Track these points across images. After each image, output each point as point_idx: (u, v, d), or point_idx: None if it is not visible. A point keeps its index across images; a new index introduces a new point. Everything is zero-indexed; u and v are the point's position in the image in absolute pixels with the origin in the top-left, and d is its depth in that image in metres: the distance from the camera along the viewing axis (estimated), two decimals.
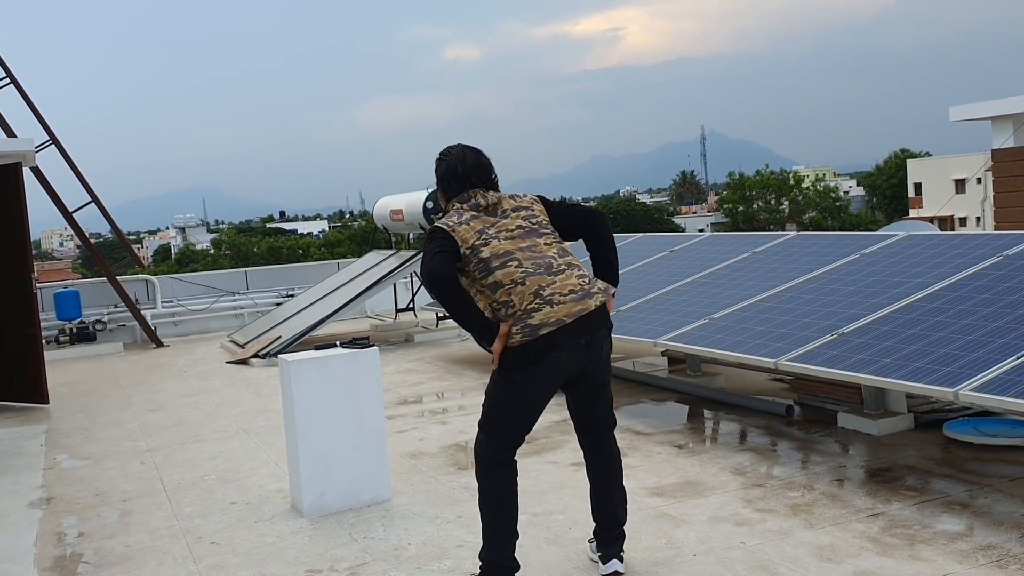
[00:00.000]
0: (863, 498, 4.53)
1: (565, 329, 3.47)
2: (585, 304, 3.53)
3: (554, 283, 3.53)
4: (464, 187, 3.72)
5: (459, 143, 3.87)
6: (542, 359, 3.48)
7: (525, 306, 3.49)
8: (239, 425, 7.15)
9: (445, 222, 3.63)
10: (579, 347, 3.52)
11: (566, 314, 3.49)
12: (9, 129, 11.65)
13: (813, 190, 63.07)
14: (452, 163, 3.76)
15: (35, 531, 4.95)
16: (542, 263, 3.57)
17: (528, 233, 3.64)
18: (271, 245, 53.32)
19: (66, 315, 12.60)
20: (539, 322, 3.46)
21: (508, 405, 3.61)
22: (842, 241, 7.17)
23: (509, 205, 3.71)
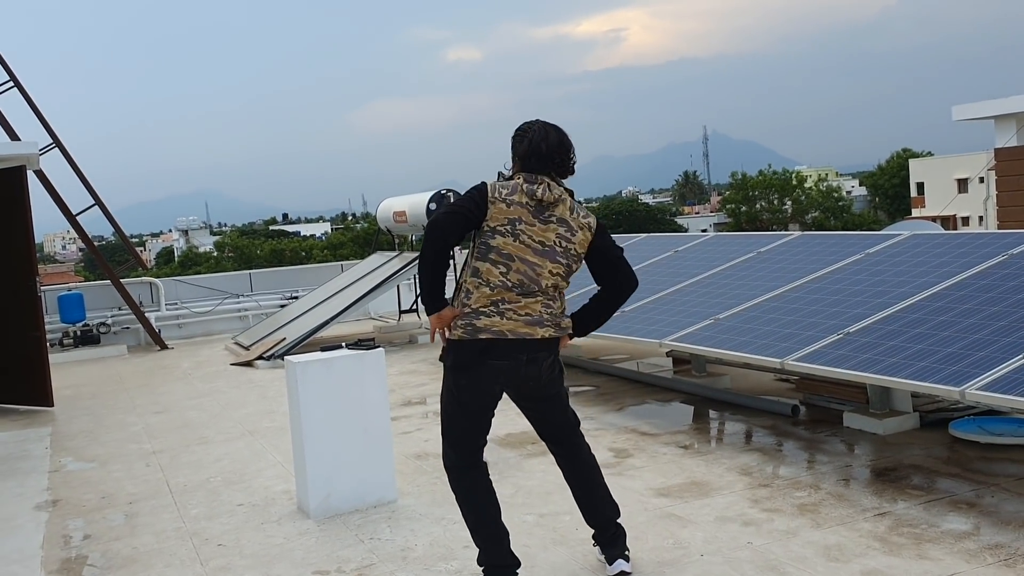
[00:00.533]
0: (869, 497, 4.53)
1: (504, 343, 3.53)
2: (532, 330, 3.56)
3: (518, 302, 3.56)
4: (545, 166, 3.63)
5: (537, 119, 3.78)
6: (482, 364, 3.56)
7: (478, 307, 3.56)
8: (245, 427, 7.15)
9: (495, 188, 3.60)
10: (520, 362, 3.58)
11: (510, 330, 3.54)
12: (13, 132, 11.67)
13: (816, 190, 63.03)
14: (535, 141, 3.65)
15: (42, 534, 4.95)
16: (524, 284, 3.56)
17: (544, 253, 3.59)
18: (274, 247, 53.34)
19: (70, 318, 12.62)
20: (483, 326, 3.53)
21: (457, 411, 3.70)
22: (846, 241, 7.17)
23: (560, 213, 3.62)
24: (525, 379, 3.64)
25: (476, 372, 3.58)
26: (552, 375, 3.73)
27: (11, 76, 12.40)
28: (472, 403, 3.65)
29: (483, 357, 3.55)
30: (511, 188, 3.60)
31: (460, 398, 3.66)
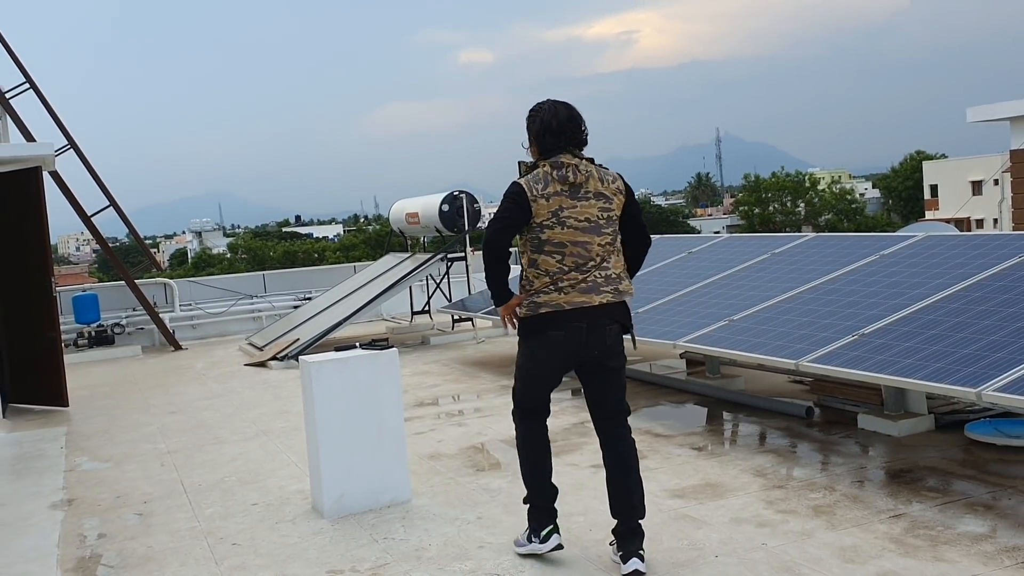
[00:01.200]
0: (885, 499, 4.51)
1: (562, 313, 3.86)
2: (588, 297, 3.85)
3: (575, 278, 3.86)
4: (559, 140, 3.91)
5: (548, 99, 4.03)
6: (544, 335, 3.92)
7: (538, 287, 3.90)
8: (259, 427, 7.18)
9: (530, 186, 3.88)
10: (579, 330, 3.87)
11: (566, 301, 3.85)
12: (29, 133, 11.75)
13: (829, 192, 62.80)
14: (546, 118, 3.94)
15: (57, 532, 4.98)
16: (579, 261, 3.87)
17: (591, 229, 3.88)
18: (287, 249, 53.49)
19: (85, 318, 12.68)
20: (542, 302, 3.88)
21: (523, 374, 4.09)
22: (861, 242, 7.14)
23: (593, 188, 3.91)
24: (589, 346, 3.89)
25: (538, 342, 3.94)
26: (617, 344, 3.95)
27: (27, 78, 12.49)
28: (536, 367, 4.00)
29: (545, 328, 3.89)
30: (544, 181, 3.88)
31: (526, 364, 4.04)
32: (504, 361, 9.45)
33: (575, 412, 6.87)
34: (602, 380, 3.98)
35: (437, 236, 12.24)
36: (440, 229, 11.68)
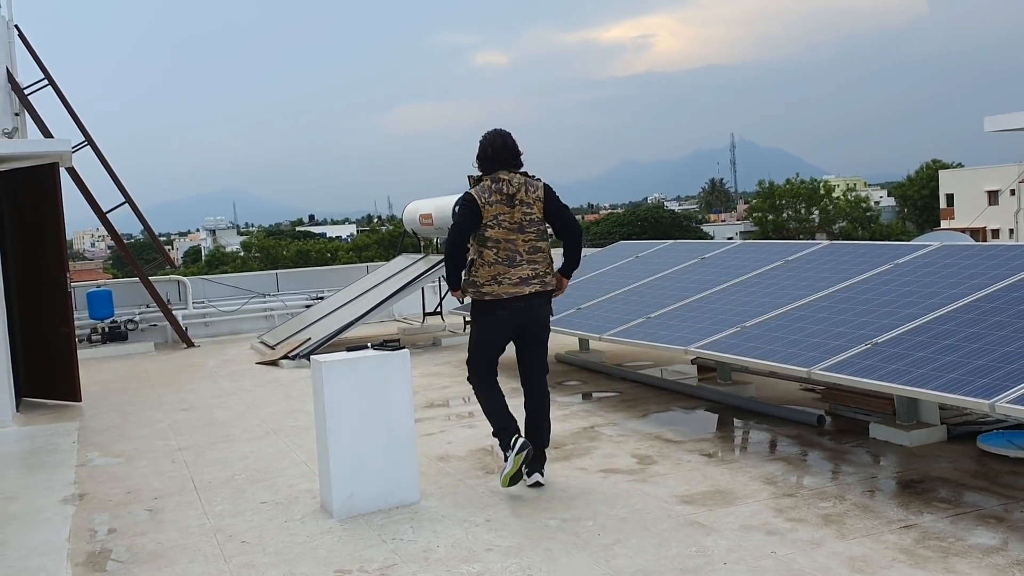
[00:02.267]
0: (895, 509, 4.48)
1: (501, 300, 5.02)
2: (520, 289, 5.02)
3: (507, 272, 5.01)
4: (494, 165, 5.06)
5: (495, 128, 5.17)
6: (493, 314, 5.07)
7: (483, 281, 5.04)
8: (269, 425, 7.20)
9: (479, 196, 5.02)
10: (518, 310, 5.05)
11: (505, 292, 5.02)
12: (47, 130, 11.82)
13: (843, 200, 62.56)
14: (485, 146, 5.11)
15: (68, 527, 5.00)
16: (511, 256, 5.01)
17: (517, 229, 5.03)
18: (300, 248, 53.63)
19: (98, 314, 12.74)
20: (486, 291, 5.03)
21: (475, 344, 5.26)
22: (875, 251, 7.11)
23: (520, 198, 5.04)
24: (525, 322, 5.11)
25: (486, 321, 5.14)
26: (546, 321, 5.21)
27: (46, 74, 12.57)
28: (485, 340, 5.19)
29: (490, 309, 5.08)
30: (488, 192, 5.03)
31: (479, 336, 5.21)
32: (516, 363, 9.43)
33: (585, 416, 6.86)
34: (533, 349, 5.24)
35: None
36: None
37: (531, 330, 5.15)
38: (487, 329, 5.14)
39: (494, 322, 5.09)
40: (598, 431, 6.38)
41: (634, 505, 4.75)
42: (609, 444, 6.00)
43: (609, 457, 5.70)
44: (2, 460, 6.72)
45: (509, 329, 5.13)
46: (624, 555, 4.10)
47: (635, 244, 10.36)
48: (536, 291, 5.03)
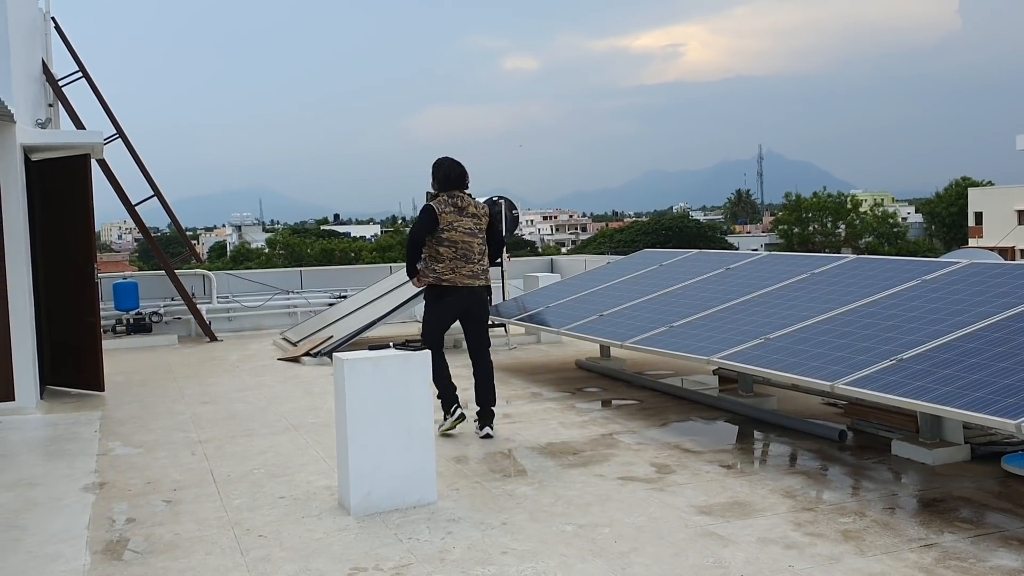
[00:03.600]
0: (916, 528, 4.44)
1: (456, 288, 6.40)
2: (472, 281, 6.44)
3: (464, 267, 6.41)
4: (452, 185, 6.52)
5: (448, 156, 6.63)
6: (445, 298, 6.43)
7: (444, 270, 6.38)
8: (289, 421, 7.23)
9: (437, 207, 6.41)
10: (465, 296, 6.43)
11: (458, 280, 6.39)
12: (79, 121, 11.94)
13: (870, 215, 62.10)
14: (447, 171, 6.56)
15: (88, 515, 5.04)
16: (466, 254, 6.43)
17: (471, 234, 6.47)
18: (324, 247, 53.88)
19: (124, 306, 12.84)
20: (445, 279, 6.38)
21: (429, 320, 6.55)
22: (903, 266, 7.05)
23: (471, 211, 6.50)
24: (470, 307, 6.50)
25: (441, 302, 6.47)
26: (486, 308, 6.64)
27: (80, 67, 12.70)
28: (439, 319, 6.52)
29: (444, 294, 6.42)
30: (444, 204, 6.43)
31: (432, 315, 6.53)
32: (535, 368, 9.45)
33: (604, 423, 6.84)
34: (477, 328, 6.59)
35: None
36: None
37: (473, 313, 6.53)
38: (440, 310, 6.49)
39: (446, 304, 6.45)
40: (617, 438, 6.36)
41: (651, 514, 4.73)
42: (628, 452, 5.98)
43: (627, 465, 5.67)
44: (25, 447, 6.79)
45: (456, 311, 6.49)
46: (640, 563, 4.08)
47: (659, 252, 10.33)
48: (481, 284, 6.49)
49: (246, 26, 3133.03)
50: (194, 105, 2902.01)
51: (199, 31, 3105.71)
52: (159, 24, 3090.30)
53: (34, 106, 10.22)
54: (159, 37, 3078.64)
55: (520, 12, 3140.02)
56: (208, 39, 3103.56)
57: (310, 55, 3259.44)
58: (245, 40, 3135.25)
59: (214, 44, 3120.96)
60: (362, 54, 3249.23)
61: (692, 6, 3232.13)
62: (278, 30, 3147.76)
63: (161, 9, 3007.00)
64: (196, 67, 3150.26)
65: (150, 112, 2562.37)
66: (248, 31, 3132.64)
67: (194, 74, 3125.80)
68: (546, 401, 7.74)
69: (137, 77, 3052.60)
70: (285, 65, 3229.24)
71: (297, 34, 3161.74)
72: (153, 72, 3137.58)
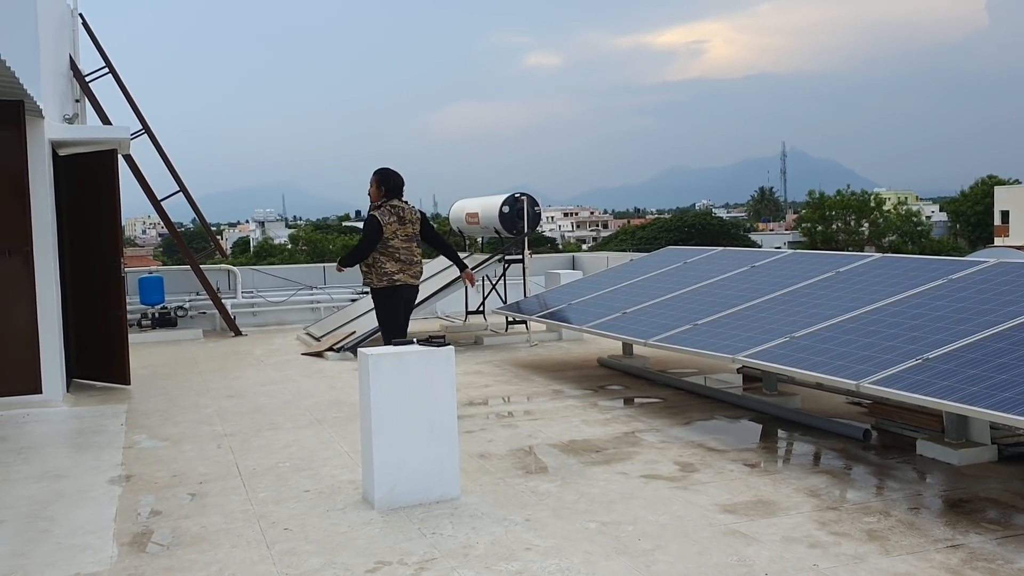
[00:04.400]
0: (942, 528, 4.41)
1: (404, 285, 7.45)
2: (415, 280, 7.52)
3: (409, 269, 7.44)
4: (393, 195, 7.46)
5: (387, 167, 7.56)
6: (395, 293, 7.44)
7: (395, 271, 7.38)
8: (313, 415, 7.27)
9: (381, 217, 7.37)
10: (410, 291, 7.55)
11: (406, 281, 7.44)
12: (106, 117, 12.05)
13: (894, 213, 61.60)
14: (392, 181, 7.49)
15: (115, 507, 5.09)
16: (409, 258, 7.44)
17: (410, 239, 7.45)
18: (346, 243, 54.09)
19: (149, 300, 12.96)
20: (396, 279, 7.38)
21: (384, 317, 7.54)
22: (929, 265, 7.00)
23: (409, 218, 7.46)
24: (410, 300, 7.61)
25: (392, 298, 7.47)
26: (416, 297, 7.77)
27: (107, 63, 12.81)
28: (395, 313, 7.51)
29: (395, 291, 7.44)
30: (388, 215, 7.36)
31: (387, 312, 7.51)
32: (557, 365, 9.45)
33: (627, 421, 6.84)
34: (408, 313, 7.61)
35: (495, 237, 12.27)
36: (499, 230, 11.72)
37: (410, 304, 7.69)
38: (394, 305, 7.52)
39: (397, 300, 7.52)
40: (640, 437, 6.35)
41: (675, 512, 4.73)
42: (651, 450, 5.98)
43: (651, 463, 5.67)
44: (52, 439, 6.87)
45: (402, 305, 7.55)
46: (664, 561, 4.08)
47: (683, 250, 10.30)
48: (418, 283, 7.66)
49: (271, 30, 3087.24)
50: (221, 106, 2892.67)
51: (229, 37, 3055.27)
52: (194, 21, 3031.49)
53: (62, 101, 10.32)
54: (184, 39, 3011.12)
55: (543, 8, 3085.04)
56: (235, 44, 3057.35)
57: (335, 55, 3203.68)
58: (269, 43, 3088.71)
59: (240, 49, 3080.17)
60: (386, 52, 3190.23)
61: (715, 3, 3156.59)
62: (302, 32, 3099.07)
63: (201, 14, 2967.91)
64: (226, 71, 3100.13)
65: (178, 114, 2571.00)
66: (272, 34, 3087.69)
67: (217, 72, 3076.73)
68: (568, 399, 7.74)
69: (169, 81, 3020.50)
70: (310, 65, 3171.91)
71: (321, 35, 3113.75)
72: (176, 68, 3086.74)
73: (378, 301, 7.52)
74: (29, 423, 7.33)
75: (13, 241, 7.76)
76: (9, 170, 7.69)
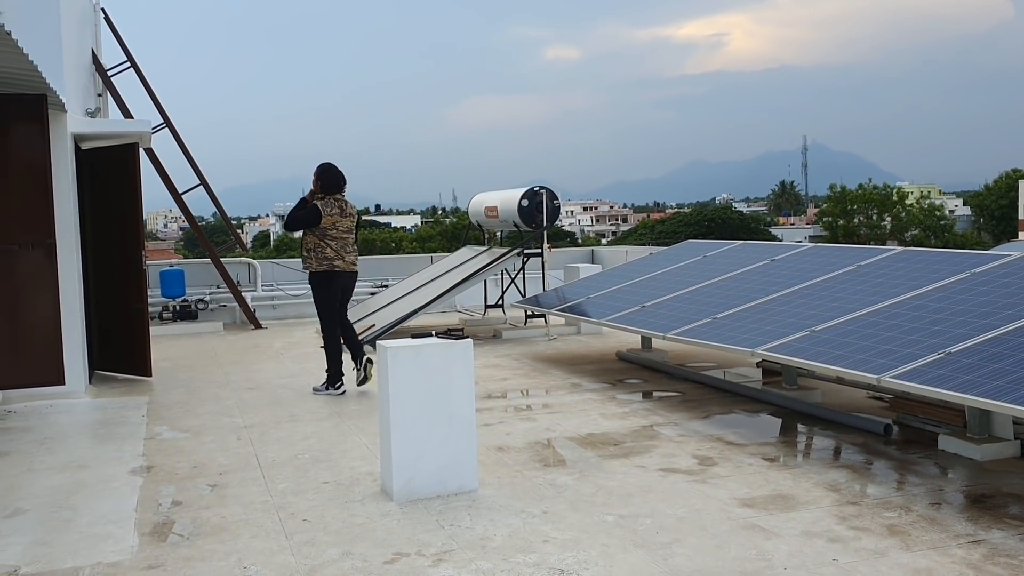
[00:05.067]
0: (963, 523, 4.38)
1: (342, 271, 7.91)
2: (351, 266, 7.98)
3: (347, 256, 7.93)
4: (336, 190, 7.94)
5: (330, 163, 8.06)
6: (334, 280, 7.89)
7: (335, 258, 7.84)
8: (332, 408, 7.30)
9: (323, 208, 7.85)
10: (348, 277, 8.00)
11: (346, 267, 7.93)
12: (127, 111, 12.12)
13: (917, 207, 61.06)
14: (333, 178, 7.97)
15: (136, 497, 5.14)
16: (346, 247, 7.94)
17: (348, 231, 7.97)
18: (365, 237, 54.28)
19: (170, 293, 13.04)
20: (335, 264, 7.85)
21: (325, 304, 7.93)
22: (952, 259, 6.94)
23: (348, 212, 7.98)
24: (348, 286, 8.05)
25: (331, 287, 7.91)
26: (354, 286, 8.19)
27: (129, 57, 12.89)
28: (333, 299, 7.94)
29: (335, 278, 7.89)
30: (329, 206, 7.86)
31: (324, 297, 7.91)
32: (576, 359, 9.44)
33: (645, 415, 6.83)
34: (346, 300, 8.07)
35: (514, 231, 12.27)
36: (518, 224, 11.71)
37: (348, 291, 8.09)
38: (333, 291, 7.92)
39: (336, 286, 7.92)
40: (658, 430, 6.34)
41: (693, 505, 4.72)
42: (669, 444, 5.96)
43: (669, 457, 5.66)
44: (75, 430, 6.94)
45: (340, 290, 7.96)
46: (682, 554, 4.07)
47: (703, 244, 10.26)
48: (355, 269, 8.06)
49: (289, 22, 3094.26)
50: (241, 100, 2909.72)
51: (243, 32, 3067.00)
52: (209, 15, 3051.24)
53: (84, 96, 10.38)
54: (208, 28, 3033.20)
55: (563, 1, 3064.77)
56: (254, 37, 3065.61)
57: (354, 48, 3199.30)
58: (288, 35, 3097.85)
59: (260, 42, 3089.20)
60: (405, 45, 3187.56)
61: None
62: (319, 20, 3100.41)
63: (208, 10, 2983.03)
64: (245, 64, 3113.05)
65: (199, 108, 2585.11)
66: (291, 26, 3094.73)
67: (243, 71, 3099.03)
68: (586, 392, 7.74)
69: (189, 76, 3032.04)
70: (329, 59, 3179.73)
71: (340, 27, 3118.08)
72: (199, 63, 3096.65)
73: (317, 285, 7.89)
74: (52, 414, 7.40)
75: (36, 234, 7.82)
76: (32, 164, 7.74)
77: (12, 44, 5.50)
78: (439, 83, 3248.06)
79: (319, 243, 7.78)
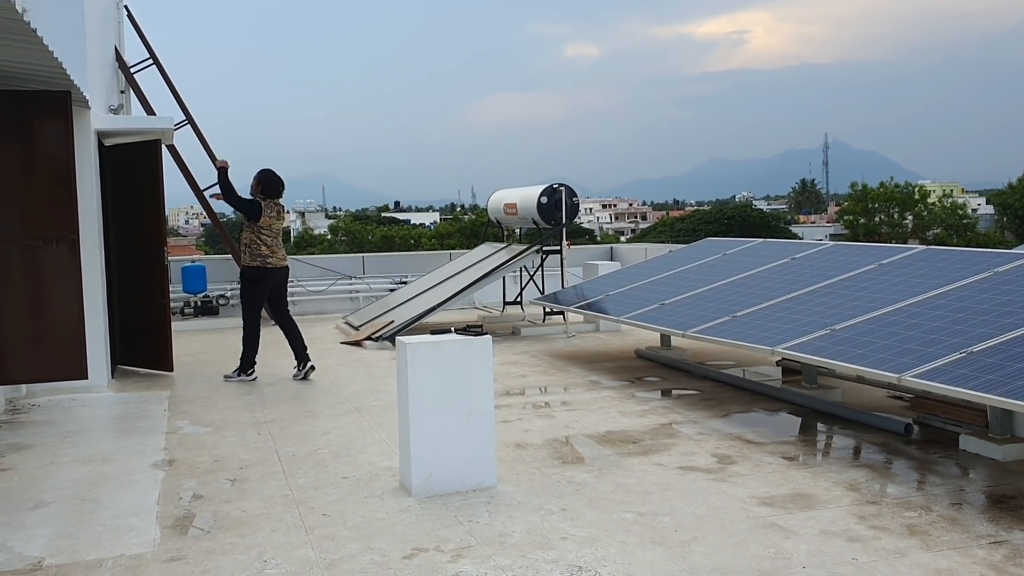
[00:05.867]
0: (984, 524, 4.35)
1: (274, 268, 8.42)
2: (283, 262, 8.54)
3: (278, 252, 8.46)
4: (269, 196, 8.48)
5: (272, 170, 8.61)
6: (266, 277, 8.41)
7: (268, 254, 8.37)
8: (352, 403, 7.34)
9: (264, 209, 8.40)
10: (280, 273, 8.52)
11: (275, 264, 8.41)
12: (150, 107, 12.21)
13: (939, 206, 60.56)
14: (273, 184, 8.55)
15: (157, 490, 5.19)
16: (277, 245, 8.46)
17: (278, 234, 8.46)
18: (385, 234, 54.39)
19: (192, 288, 13.13)
20: (269, 262, 8.37)
21: (253, 297, 8.45)
22: (974, 258, 6.89)
23: (282, 215, 8.61)
24: (281, 283, 8.59)
25: (262, 282, 8.42)
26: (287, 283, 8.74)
27: (151, 55, 12.98)
28: (262, 294, 8.48)
29: (268, 275, 8.40)
30: (270, 208, 8.42)
31: (253, 292, 8.44)
32: (594, 356, 9.44)
33: (664, 413, 6.82)
34: (281, 297, 8.63)
35: (533, 228, 12.27)
36: (537, 221, 11.71)
37: (281, 288, 8.59)
38: (264, 286, 8.42)
39: (266, 283, 8.41)
40: (677, 428, 6.33)
41: (712, 504, 4.71)
42: (688, 442, 5.95)
43: (688, 455, 5.65)
44: (98, 423, 7.00)
45: (271, 286, 8.45)
46: (701, 552, 4.07)
47: (723, 241, 10.23)
48: (286, 265, 8.56)
49: (310, 22, 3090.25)
50: (262, 98, 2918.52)
51: (269, 30, 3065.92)
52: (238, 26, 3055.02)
53: (107, 92, 10.47)
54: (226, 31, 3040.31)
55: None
56: (276, 37, 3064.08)
57: (374, 46, 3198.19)
58: (309, 35, 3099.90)
59: (280, 41, 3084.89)
60: (425, 43, 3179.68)
61: None
62: (342, 24, 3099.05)
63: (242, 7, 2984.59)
64: (267, 63, 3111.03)
65: (221, 106, 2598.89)
66: (311, 26, 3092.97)
67: (265, 69, 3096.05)
68: (605, 389, 7.74)
69: (219, 75, 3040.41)
70: (349, 57, 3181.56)
71: (361, 26, 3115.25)
72: (218, 60, 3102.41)
73: (249, 280, 8.39)
74: (75, 408, 7.47)
75: (60, 230, 7.88)
76: (56, 160, 7.81)
77: (37, 41, 5.55)
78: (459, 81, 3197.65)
79: (255, 240, 8.32)
